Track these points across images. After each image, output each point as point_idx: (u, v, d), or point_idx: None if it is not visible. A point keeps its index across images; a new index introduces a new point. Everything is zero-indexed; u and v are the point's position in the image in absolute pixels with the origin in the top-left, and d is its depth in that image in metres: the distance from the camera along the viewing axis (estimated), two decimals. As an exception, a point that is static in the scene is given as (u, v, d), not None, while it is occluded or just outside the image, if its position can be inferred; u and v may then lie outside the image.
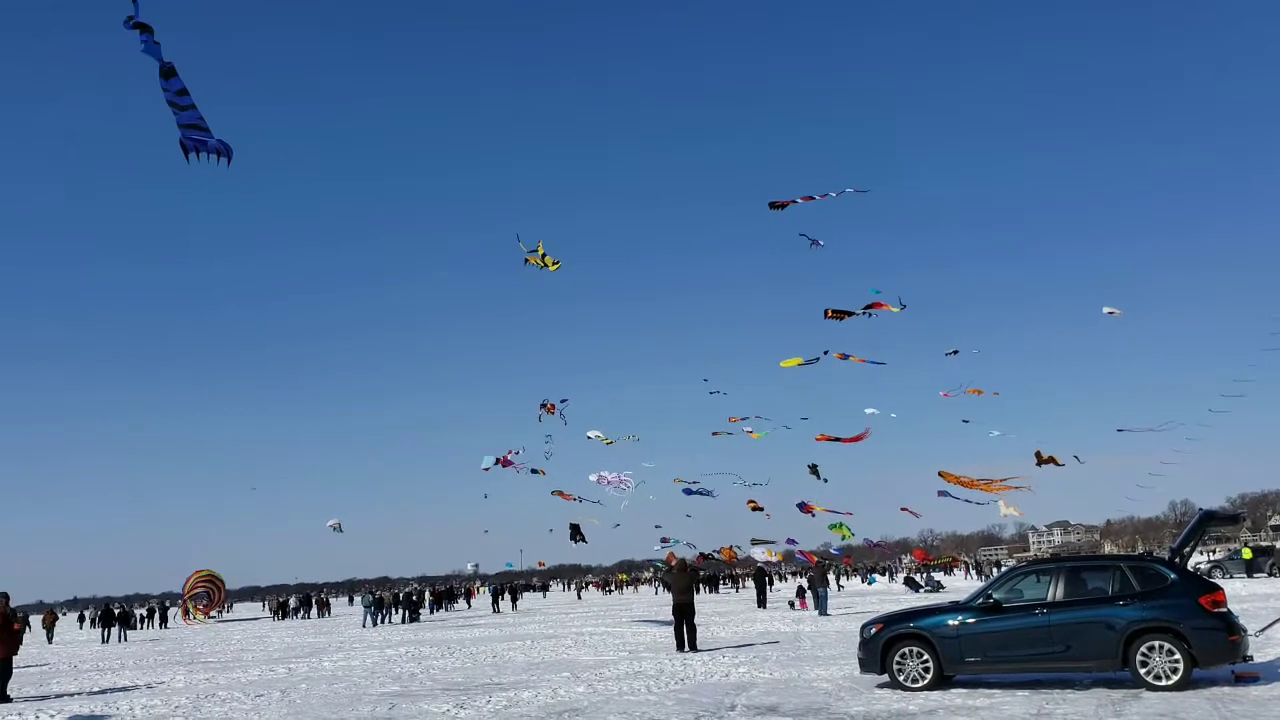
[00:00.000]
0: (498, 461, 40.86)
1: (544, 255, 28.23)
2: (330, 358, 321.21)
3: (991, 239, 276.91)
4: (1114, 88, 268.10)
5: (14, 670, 17.88)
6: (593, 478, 37.74)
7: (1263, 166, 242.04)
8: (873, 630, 13.28)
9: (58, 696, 17.85)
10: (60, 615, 53.89)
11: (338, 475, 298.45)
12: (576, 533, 47.00)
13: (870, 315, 28.45)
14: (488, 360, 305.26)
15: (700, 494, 45.09)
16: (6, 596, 17.92)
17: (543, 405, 39.28)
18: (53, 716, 14.65)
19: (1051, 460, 34.40)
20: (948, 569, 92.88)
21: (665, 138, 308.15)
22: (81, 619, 73.25)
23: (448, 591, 71.08)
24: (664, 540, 55.15)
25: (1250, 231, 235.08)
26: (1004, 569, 20.41)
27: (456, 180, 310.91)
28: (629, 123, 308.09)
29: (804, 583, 47.12)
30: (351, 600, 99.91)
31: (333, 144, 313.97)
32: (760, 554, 54.57)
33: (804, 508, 43.89)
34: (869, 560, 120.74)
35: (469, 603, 74.65)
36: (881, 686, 13.14)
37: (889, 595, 47.66)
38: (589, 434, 41.61)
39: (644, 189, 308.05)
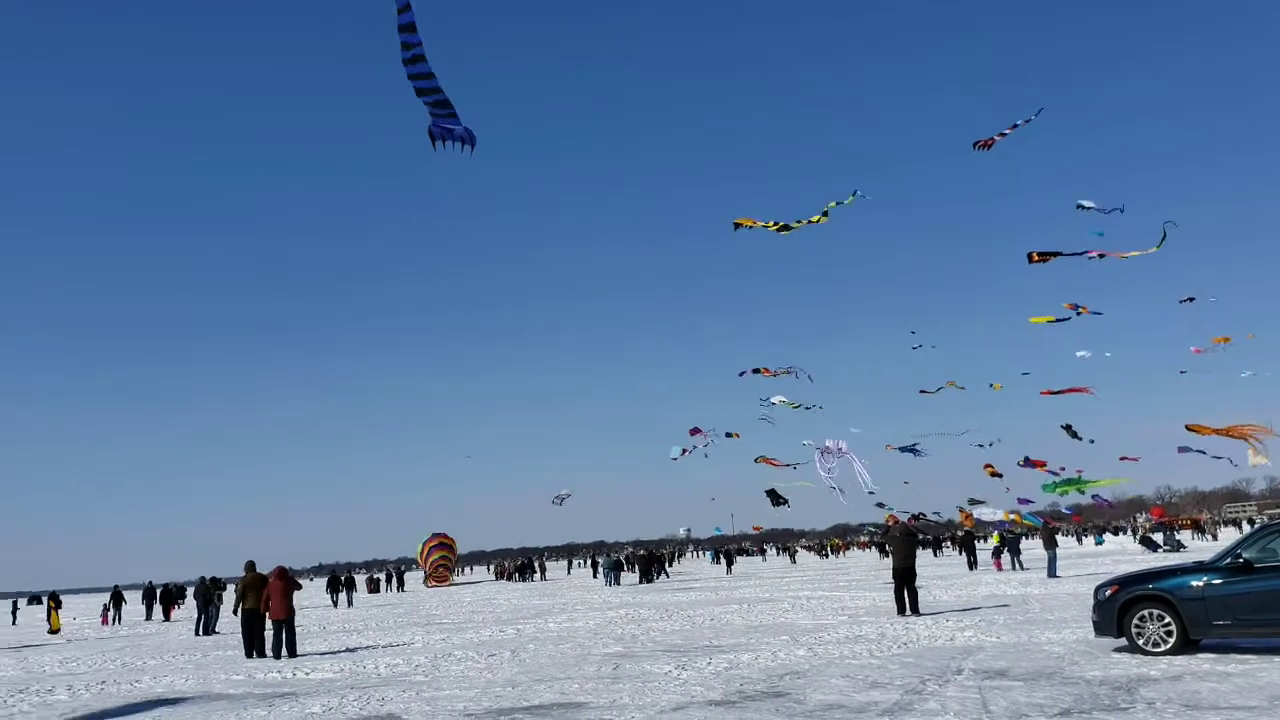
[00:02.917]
0: (683, 451, 41.51)
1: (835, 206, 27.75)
2: (546, 329, 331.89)
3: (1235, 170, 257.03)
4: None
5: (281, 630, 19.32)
6: (829, 444, 37.42)
7: None
8: (1108, 592, 12.61)
9: (307, 655, 19.27)
10: (308, 580, 58.06)
11: (554, 444, 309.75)
12: (776, 497, 46.87)
13: (1100, 258, 26.68)
14: (700, 328, 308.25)
15: (912, 452, 44.11)
16: (285, 569, 19.78)
17: (756, 370, 39.29)
18: (308, 673, 15.82)
19: None
20: (1186, 528, 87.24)
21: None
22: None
23: (656, 555, 72.17)
24: (880, 504, 54.15)
25: None
26: (1256, 526, 18.94)
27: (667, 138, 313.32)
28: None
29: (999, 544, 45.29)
30: (570, 565, 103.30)
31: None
32: (989, 515, 52.56)
33: (1033, 464, 42.14)
34: (1099, 519, 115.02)
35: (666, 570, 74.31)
36: (1118, 650, 12.49)
37: (1123, 556, 45.27)
38: (773, 399, 41.37)
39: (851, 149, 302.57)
